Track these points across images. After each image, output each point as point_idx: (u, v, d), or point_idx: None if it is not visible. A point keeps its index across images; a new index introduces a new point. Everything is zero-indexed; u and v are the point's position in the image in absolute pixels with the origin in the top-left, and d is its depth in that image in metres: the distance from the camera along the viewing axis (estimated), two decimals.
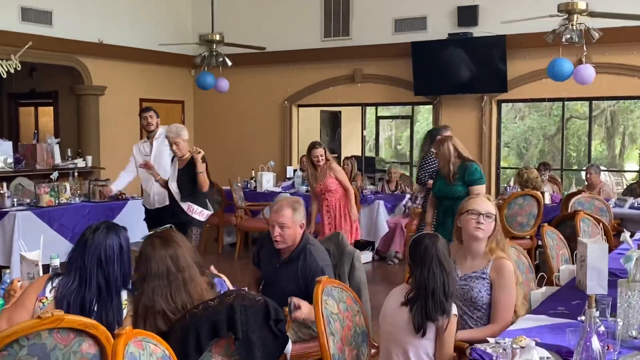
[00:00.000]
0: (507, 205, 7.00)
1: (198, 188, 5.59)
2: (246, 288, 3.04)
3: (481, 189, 5.20)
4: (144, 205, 6.57)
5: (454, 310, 2.77)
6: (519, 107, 16.52)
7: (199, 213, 5.64)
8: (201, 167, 5.50)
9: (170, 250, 2.67)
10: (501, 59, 9.12)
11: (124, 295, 2.71)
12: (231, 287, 2.96)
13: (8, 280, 3.33)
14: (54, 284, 2.64)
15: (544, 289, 3.52)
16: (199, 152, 5.56)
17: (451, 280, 2.78)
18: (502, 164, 10.24)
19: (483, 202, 3.24)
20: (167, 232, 2.78)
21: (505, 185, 8.27)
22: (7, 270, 3.40)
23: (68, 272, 2.66)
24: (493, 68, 9.23)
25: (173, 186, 5.72)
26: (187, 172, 5.62)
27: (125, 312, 2.70)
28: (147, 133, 6.59)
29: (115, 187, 7.03)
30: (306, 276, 3.58)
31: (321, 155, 6.49)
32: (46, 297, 2.61)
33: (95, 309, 2.60)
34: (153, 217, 6.24)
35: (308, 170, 6.76)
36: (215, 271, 3.07)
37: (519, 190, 7.40)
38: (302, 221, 3.70)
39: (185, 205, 5.62)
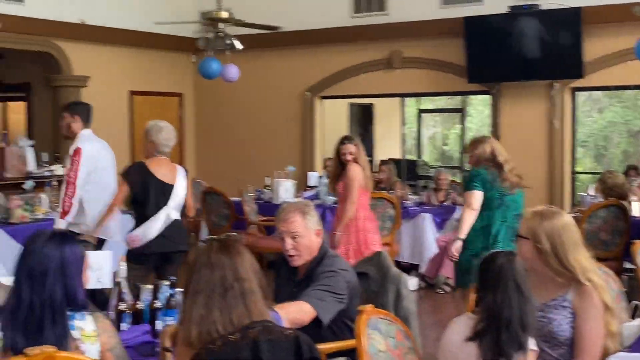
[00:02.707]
0: (586, 219, 6.96)
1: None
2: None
3: (470, 195, 5.49)
4: None
5: (533, 345, 2.77)
6: (597, 97, 16.41)
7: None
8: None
9: (228, 257, 2.71)
10: (575, 37, 9.08)
11: (88, 321, 2.74)
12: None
13: None
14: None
15: (638, 321, 3.51)
16: None
17: (530, 308, 2.78)
18: (577, 167, 10.18)
19: (523, 221, 3.31)
20: (228, 238, 2.83)
21: (585, 193, 8.21)
22: None
23: (11, 295, 2.70)
24: (565, 48, 9.18)
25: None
26: None
27: (95, 342, 2.72)
28: None
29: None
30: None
31: (351, 154, 6.53)
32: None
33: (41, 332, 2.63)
34: None
35: (332, 169, 6.83)
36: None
37: (601, 199, 7.35)
38: (317, 227, 3.73)
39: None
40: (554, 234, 3.15)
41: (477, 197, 5.48)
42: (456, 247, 5.62)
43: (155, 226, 5.45)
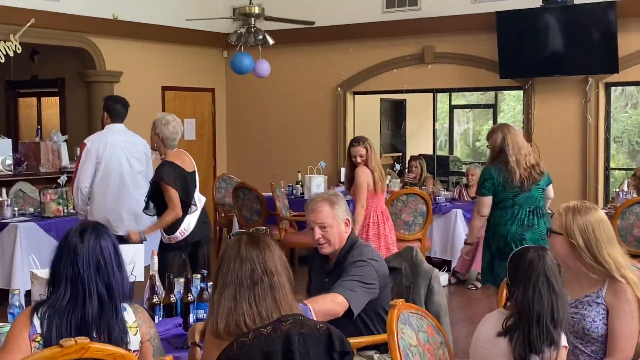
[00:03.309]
0: (620, 215, 6.90)
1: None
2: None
3: (478, 201, 5.48)
4: None
5: (564, 341, 2.75)
6: (630, 93, 16.18)
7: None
8: None
9: (257, 251, 2.74)
10: (610, 30, 8.97)
11: (129, 312, 2.77)
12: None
13: (17, 304, 3.45)
14: (40, 314, 2.67)
15: None
16: None
17: (561, 303, 2.77)
18: (611, 163, 10.06)
19: (556, 216, 3.29)
20: (257, 232, 2.86)
21: (617, 189, 8.14)
22: (16, 291, 3.52)
23: (55, 290, 2.70)
24: (600, 43, 9.08)
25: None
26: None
27: (137, 333, 2.75)
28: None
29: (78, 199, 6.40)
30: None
31: (361, 156, 6.51)
32: (39, 335, 2.64)
33: (95, 327, 2.65)
34: None
35: (346, 172, 6.84)
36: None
37: (635, 195, 7.28)
38: (347, 217, 3.78)
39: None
40: (587, 229, 3.13)
41: (485, 203, 5.43)
42: (465, 251, 6.03)
43: (196, 215, 5.53)
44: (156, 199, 5.49)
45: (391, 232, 6.70)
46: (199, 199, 5.65)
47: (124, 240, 5.49)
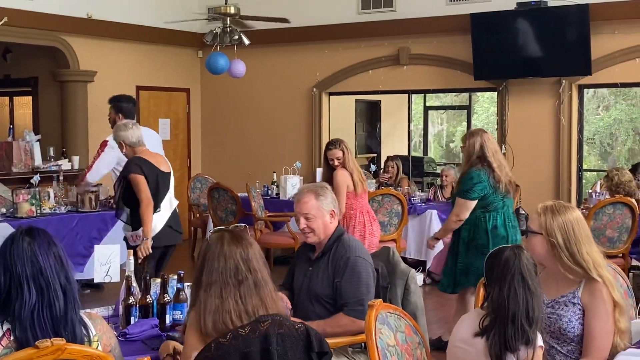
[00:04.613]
0: (593, 216, 6.96)
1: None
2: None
3: (462, 204, 5.33)
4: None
5: (540, 340, 2.76)
6: (602, 95, 16.36)
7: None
8: None
9: (240, 248, 2.74)
10: (583, 33, 9.04)
11: (89, 325, 2.65)
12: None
13: None
14: (10, 317, 2.53)
15: None
16: None
17: (536, 302, 2.78)
18: (583, 165, 10.16)
19: (534, 216, 3.28)
20: (237, 229, 2.86)
21: (590, 190, 8.22)
22: None
23: (15, 294, 2.54)
24: (573, 45, 9.15)
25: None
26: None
27: (98, 346, 2.65)
28: None
29: (91, 177, 7.08)
30: (334, 270, 3.74)
31: (338, 159, 6.51)
32: (8, 340, 2.50)
33: (63, 323, 2.54)
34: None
35: (323, 174, 6.82)
36: None
37: (607, 196, 7.35)
38: (332, 208, 3.88)
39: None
40: (567, 227, 3.14)
41: (469, 207, 5.36)
42: (433, 244, 5.95)
43: (164, 216, 5.48)
44: (127, 197, 5.43)
45: (377, 232, 6.71)
46: (170, 202, 5.59)
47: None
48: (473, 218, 5.46)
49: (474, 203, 5.35)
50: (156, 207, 5.41)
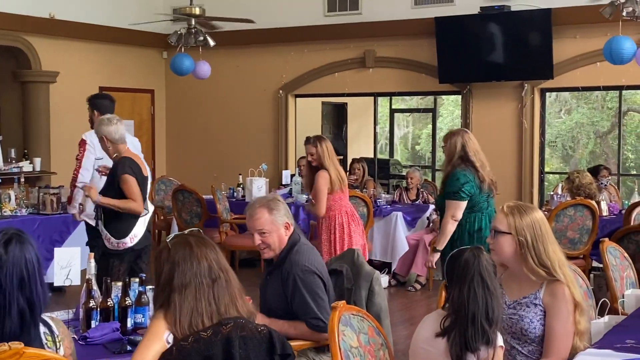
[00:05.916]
0: (554, 218, 7.03)
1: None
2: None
3: (456, 205, 5.22)
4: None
5: (500, 340, 2.78)
6: (564, 98, 16.58)
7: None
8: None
9: (209, 249, 2.74)
10: (545, 38, 9.16)
11: (53, 327, 2.62)
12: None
13: None
14: None
15: (606, 318, 3.55)
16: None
17: (496, 302, 2.80)
18: (545, 167, 10.28)
19: (501, 217, 3.27)
20: (194, 232, 2.84)
21: (552, 193, 8.31)
22: None
23: None
24: (535, 49, 9.26)
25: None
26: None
27: (60, 347, 2.61)
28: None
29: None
30: (284, 285, 3.67)
31: (311, 154, 6.32)
32: None
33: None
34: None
35: (304, 170, 6.73)
36: None
37: (568, 198, 7.43)
38: (286, 220, 3.75)
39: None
40: (535, 226, 3.18)
41: (462, 207, 5.23)
42: (435, 259, 5.45)
43: (146, 220, 5.40)
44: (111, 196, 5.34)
45: (359, 232, 6.46)
46: (148, 206, 5.54)
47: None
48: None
49: (465, 203, 5.28)
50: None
